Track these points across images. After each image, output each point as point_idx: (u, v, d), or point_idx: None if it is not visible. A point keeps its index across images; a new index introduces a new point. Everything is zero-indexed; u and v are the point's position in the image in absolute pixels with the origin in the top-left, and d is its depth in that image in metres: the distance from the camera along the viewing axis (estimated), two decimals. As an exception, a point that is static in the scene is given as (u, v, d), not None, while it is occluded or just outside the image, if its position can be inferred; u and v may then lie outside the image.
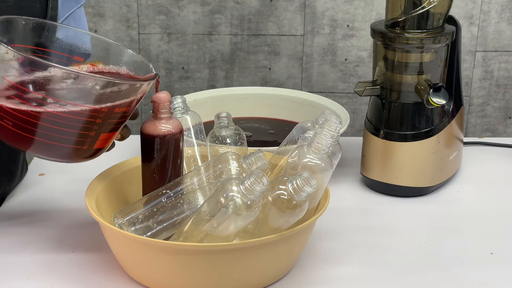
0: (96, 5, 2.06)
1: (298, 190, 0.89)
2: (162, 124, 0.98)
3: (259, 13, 2.04)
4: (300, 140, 1.02)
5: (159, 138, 0.98)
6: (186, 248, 0.90)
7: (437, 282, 1.01)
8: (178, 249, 0.91)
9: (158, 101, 0.98)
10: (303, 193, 0.89)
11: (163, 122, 0.98)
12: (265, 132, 1.41)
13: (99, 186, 1.03)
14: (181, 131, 0.99)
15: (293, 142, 1.05)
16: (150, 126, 0.98)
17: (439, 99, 1.19)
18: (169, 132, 0.98)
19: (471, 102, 2.12)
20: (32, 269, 1.01)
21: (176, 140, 0.99)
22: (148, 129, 0.98)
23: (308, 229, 0.99)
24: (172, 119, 0.99)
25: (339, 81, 2.10)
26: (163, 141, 0.98)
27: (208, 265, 0.91)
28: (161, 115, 0.98)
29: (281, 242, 0.93)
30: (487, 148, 1.45)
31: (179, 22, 2.06)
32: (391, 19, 1.21)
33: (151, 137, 0.98)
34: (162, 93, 0.98)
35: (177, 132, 0.99)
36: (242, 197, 0.88)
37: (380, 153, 1.24)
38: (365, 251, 1.08)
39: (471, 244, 1.11)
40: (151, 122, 0.99)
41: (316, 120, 1.04)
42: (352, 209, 1.21)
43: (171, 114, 0.99)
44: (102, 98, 0.90)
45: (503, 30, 2.05)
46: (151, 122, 0.99)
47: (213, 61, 2.09)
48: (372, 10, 2.04)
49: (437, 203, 1.24)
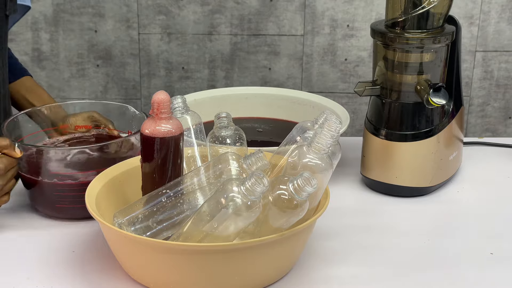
0: (96, 5, 2.06)
1: (299, 190, 0.89)
2: (162, 124, 0.98)
3: (259, 13, 2.04)
4: (300, 140, 1.02)
5: (158, 138, 0.98)
6: (185, 248, 0.90)
7: (437, 282, 1.01)
8: (177, 249, 0.91)
9: (157, 102, 0.97)
10: (304, 193, 0.89)
11: (163, 123, 0.98)
12: (268, 131, 1.41)
13: (99, 186, 1.03)
14: (181, 131, 0.99)
15: (293, 142, 1.05)
16: (150, 127, 0.98)
17: (439, 99, 1.19)
18: (169, 132, 0.98)
19: (471, 102, 2.12)
20: (32, 269, 1.01)
21: (175, 140, 0.99)
22: (147, 129, 0.98)
23: (308, 229, 0.99)
24: (172, 119, 0.99)
25: (339, 81, 2.10)
26: (163, 141, 0.98)
27: (208, 265, 0.91)
28: (161, 115, 0.98)
29: (281, 242, 0.93)
30: (487, 148, 1.45)
31: (179, 22, 2.06)
32: (391, 19, 1.21)
33: (151, 137, 0.98)
34: (161, 93, 0.98)
35: (177, 132, 0.99)
36: (243, 198, 0.88)
37: (380, 153, 1.24)
38: (365, 251, 1.08)
39: (471, 244, 1.11)
40: (150, 123, 0.99)
41: (316, 120, 1.04)
42: (352, 209, 1.21)
43: (171, 114, 0.99)
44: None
45: (503, 30, 2.05)
46: (151, 122, 0.99)
47: (213, 61, 2.09)
48: (372, 10, 2.04)
49: (437, 203, 1.24)
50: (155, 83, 2.13)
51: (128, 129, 1.22)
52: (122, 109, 1.25)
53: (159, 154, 0.99)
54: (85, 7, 2.05)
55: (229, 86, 2.09)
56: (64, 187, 1.09)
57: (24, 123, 1.21)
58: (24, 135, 1.20)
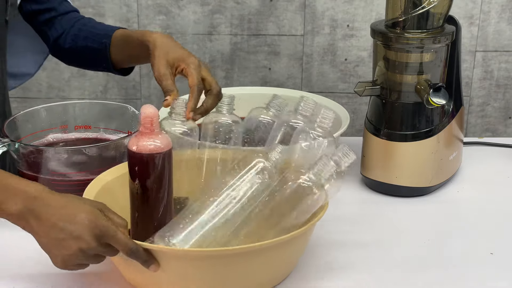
0: (96, 5, 2.06)
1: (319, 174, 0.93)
2: (150, 140, 0.92)
3: (259, 13, 2.04)
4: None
5: (146, 155, 0.92)
6: (185, 253, 0.89)
7: (437, 282, 1.01)
8: (177, 255, 0.90)
9: (147, 116, 0.91)
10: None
11: (152, 138, 0.92)
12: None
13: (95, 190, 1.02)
14: (169, 148, 0.94)
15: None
16: (135, 142, 0.92)
17: (439, 99, 1.19)
18: (157, 149, 0.92)
19: (471, 102, 2.12)
20: (32, 269, 1.01)
21: (163, 158, 0.93)
22: (133, 145, 0.93)
23: (308, 232, 0.99)
24: (161, 134, 0.93)
25: (339, 81, 2.10)
26: (150, 158, 0.92)
27: (207, 270, 0.91)
28: (146, 131, 0.92)
29: (281, 246, 0.92)
30: (487, 148, 1.45)
31: (179, 22, 2.06)
32: (391, 19, 1.21)
33: (138, 154, 0.92)
34: (150, 107, 0.92)
35: (165, 149, 0.93)
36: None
37: (380, 153, 1.24)
38: (365, 251, 1.08)
39: (471, 244, 1.11)
40: (136, 138, 0.93)
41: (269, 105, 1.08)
42: (352, 209, 1.21)
43: (160, 129, 0.93)
44: None
45: (503, 30, 2.05)
46: (137, 137, 0.93)
47: (213, 61, 2.09)
48: (372, 10, 2.04)
49: (437, 203, 1.24)
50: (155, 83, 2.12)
51: (127, 129, 1.22)
52: (121, 109, 1.25)
53: (147, 173, 0.93)
54: (85, 7, 2.05)
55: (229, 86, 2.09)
56: (61, 186, 1.09)
57: (23, 123, 1.21)
58: (23, 136, 1.20)
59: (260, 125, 1.10)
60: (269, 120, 1.09)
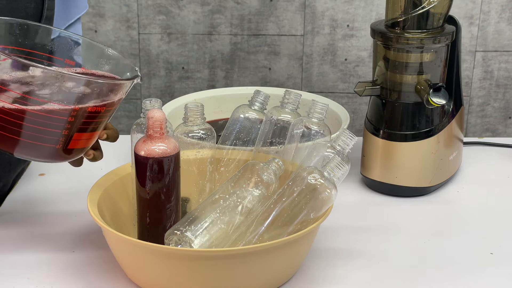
0: (96, 5, 2.06)
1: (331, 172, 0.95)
2: (159, 144, 0.92)
3: (259, 13, 2.04)
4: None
5: (153, 159, 0.92)
6: (189, 253, 0.89)
7: (437, 282, 1.01)
8: (181, 255, 0.90)
9: (156, 120, 0.91)
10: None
11: (159, 142, 0.92)
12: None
13: (100, 191, 1.02)
14: (178, 150, 0.94)
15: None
16: (144, 147, 0.93)
17: (439, 99, 1.19)
18: (164, 153, 0.92)
19: (471, 102, 2.12)
20: (32, 269, 1.01)
21: (169, 161, 0.93)
22: (142, 149, 0.93)
23: (313, 233, 0.99)
24: (168, 139, 0.93)
25: (339, 81, 2.10)
26: (158, 162, 0.92)
27: (211, 270, 0.90)
28: (156, 135, 0.92)
29: (286, 247, 0.93)
30: (487, 148, 1.45)
31: (179, 22, 2.07)
32: (391, 19, 1.21)
33: (145, 158, 0.92)
34: (158, 111, 0.92)
35: (173, 153, 0.93)
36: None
37: (380, 153, 1.25)
38: (365, 251, 1.08)
39: (471, 244, 1.11)
40: (145, 142, 0.93)
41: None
42: (352, 209, 1.21)
43: (167, 133, 0.93)
44: (76, 97, 0.89)
45: (503, 30, 2.05)
46: (145, 142, 0.93)
47: (213, 61, 2.09)
48: (372, 10, 2.04)
49: (437, 203, 1.24)
50: (155, 83, 2.13)
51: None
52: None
53: (154, 177, 0.93)
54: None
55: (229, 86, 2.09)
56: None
57: None
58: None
59: (246, 122, 1.10)
60: (255, 117, 1.10)
